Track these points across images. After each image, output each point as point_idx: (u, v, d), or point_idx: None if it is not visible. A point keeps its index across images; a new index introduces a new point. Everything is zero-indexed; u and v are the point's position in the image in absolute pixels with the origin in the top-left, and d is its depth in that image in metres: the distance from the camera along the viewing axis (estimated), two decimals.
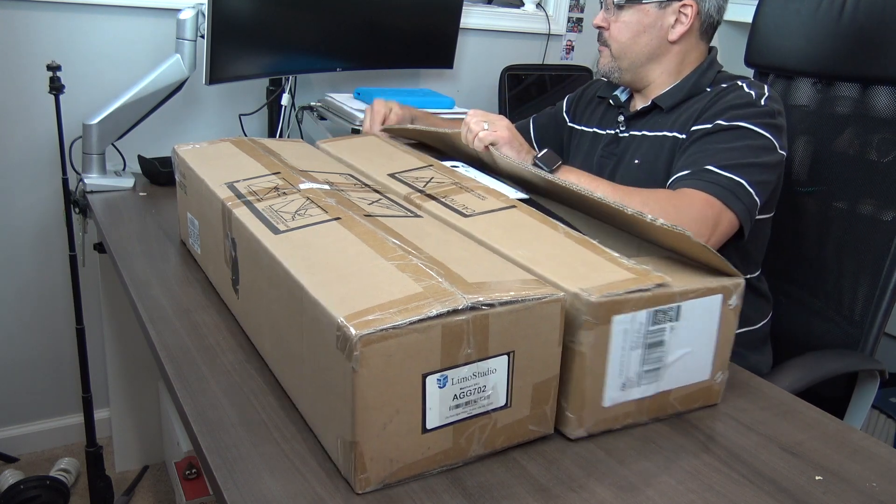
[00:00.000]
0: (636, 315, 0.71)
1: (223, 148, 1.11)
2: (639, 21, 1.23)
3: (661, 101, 1.25)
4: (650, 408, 0.78)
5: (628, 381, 0.74)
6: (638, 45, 1.24)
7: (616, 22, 1.24)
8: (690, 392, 0.80)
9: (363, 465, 0.62)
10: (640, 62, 1.26)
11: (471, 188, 0.96)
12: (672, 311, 0.73)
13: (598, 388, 0.72)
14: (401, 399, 0.62)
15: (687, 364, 0.78)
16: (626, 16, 1.23)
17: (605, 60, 1.29)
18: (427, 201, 0.92)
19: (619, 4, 1.23)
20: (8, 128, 1.64)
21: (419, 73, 2.14)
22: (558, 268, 0.74)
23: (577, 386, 0.71)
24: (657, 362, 0.75)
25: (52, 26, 1.62)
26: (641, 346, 0.73)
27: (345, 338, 0.59)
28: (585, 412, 0.73)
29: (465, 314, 0.62)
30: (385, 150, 1.15)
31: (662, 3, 1.22)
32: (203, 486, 1.54)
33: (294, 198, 0.88)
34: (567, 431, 0.74)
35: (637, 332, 0.72)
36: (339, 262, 0.70)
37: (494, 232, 0.82)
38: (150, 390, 1.85)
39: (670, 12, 1.22)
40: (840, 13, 1.31)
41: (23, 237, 1.74)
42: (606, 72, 1.29)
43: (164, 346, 0.86)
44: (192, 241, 1.10)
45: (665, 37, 1.23)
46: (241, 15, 1.57)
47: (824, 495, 0.69)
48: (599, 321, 0.69)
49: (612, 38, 1.25)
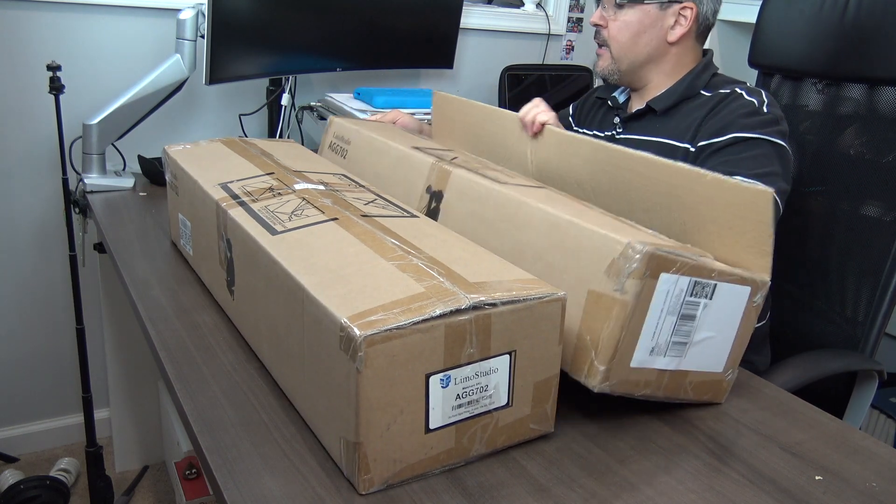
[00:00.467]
0: (680, 279, 0.72)
1: (215, 148, 1.11)
2: (640, 21, 1.22)
3: (655, 103, 1.25)
4: (668, 384, 0.78)
5: (657, 347, 0.75)
6: (638, 46, 1.24)
7: (615, 21, 1.24)
8: (703, 381, 0.81)
9: (366, 465, 0.62)
10: (639, 63, 1.26)
11: (498, 170, 0.99)
12: (709, 287, 0.75)
13: (632, 343, 0.73)
14: (404, 399, 0.62)
15: (708, 349, 0.79)
16: (627, 15, 1.23)
17: (605, 62, 1.28)
18: (457, 168, 0.94)
19: (620, 3, 1.23)
20: (8, 128, 1.64)
21: (419, 73, 2.14)
22: (605, 225, 0.75)
23: (612, 336, 0.71)
24: (685, 336, 0.76)
25: (52, 26, 1.62)
26: (677, 314, 0.74)
27: (348, 338, 0.59)
28: (613, 366, 0.73)
29: (468, 314, 0.62)
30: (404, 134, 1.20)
31: (663, 3, 1.21)
32: (203, 486, 1.54)
33: (289, 198, 0.88)
34: (592, 383, 0.73)
35: (677, 297, 0.73)
36: (339, 263, 0.70)
37: (531, 196, 0.84)
38: (150, 390, 1.85)
39: (670, 14, 1.22)
40: (843, 13, 1.31)
41: (23, 237, 1.74)
42: (606, 73, 1.29)
43: (164, 346, 0.86)
44: (184, 243, 1.10)
45: (664, 38, 1.23)
46: (241, 15, 1.57)
47: (824, 495, 0.69)
48: (650, 273, 0.69)
49: (611, 37, 1.25)
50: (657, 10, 1.21)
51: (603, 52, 1.27)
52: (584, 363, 0.74)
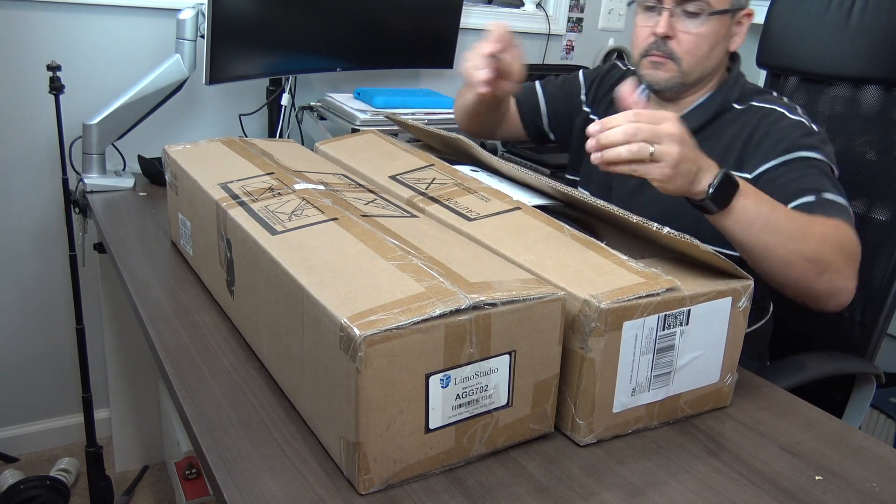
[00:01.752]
0: (646, 320, 0.71)
1: (214, 148, 1.11)
2: (717, 32, 1.10)
3: (689, 120, 1.11)
4: (660, 412, 0.78)
5: (638, 386, 0.74)
6: (711, 60, 1.12)
7: (689, 33, 1.10)
8: (700, 395, 0.80)
9: (366, 465, 0.62)
10: (704, 76, 1.14)
11: (474, 189, 0.95)
12: (682, 315, 0.73)
13: (609, 394, 0.72)
14: (404, 399, 0.62)
15: (697, 367, 0.78)
16: (706, 26, 1.09)
17: (668, 75, 1.13)
18: (430, 205, 0.91)
19: (695, 13, 1.08)
20: (8, 128, 1.64)
21: (419, 73, 2.14)
22: (565, 272, 0.74)
23: (587, 392, 0.71)
24: (667, 367, 0.75)
25: (52, 26, 1.62)
26: (651, 352, 0.73)
27: (348, 338, 0.59)
28: (595, 418, 0.73)
29: (468, 314, 0.62)
30: (385, 150, 1.14)
31: (735, 12, 1.11)
32: (203, 486, 1.54)
33: (289, 198, 0.88)
34: (577, 438, 0.74)
35: (647, 337, 0.72)
36: (339, 263, 0.70)
37: (499, 236, 0.82)
38: (150, 390, 1.85)
39: (735, 22, 1.12)
40: (849, 14, 1.31)
41: (23, 237, 1.74)
42: (665, 86, 1.14)
43: (164, 346, 0.86)
44: (184, 243, 1.10)
45: (727, 48, 1.14)
46: (241, 15, 1.57)
47: (824, 495, 0.69)
48: (610, 327, 0.69)
49: (685, 51, 1.11)
50: (729, 18, 1.11)
51: (665, 61, 1.13)
52: (567, 418, 0.74)
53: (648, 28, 1.13)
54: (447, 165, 1.05)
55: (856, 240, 0.96)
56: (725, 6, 1.09)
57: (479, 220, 0.86)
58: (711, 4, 1.08)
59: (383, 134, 1.23)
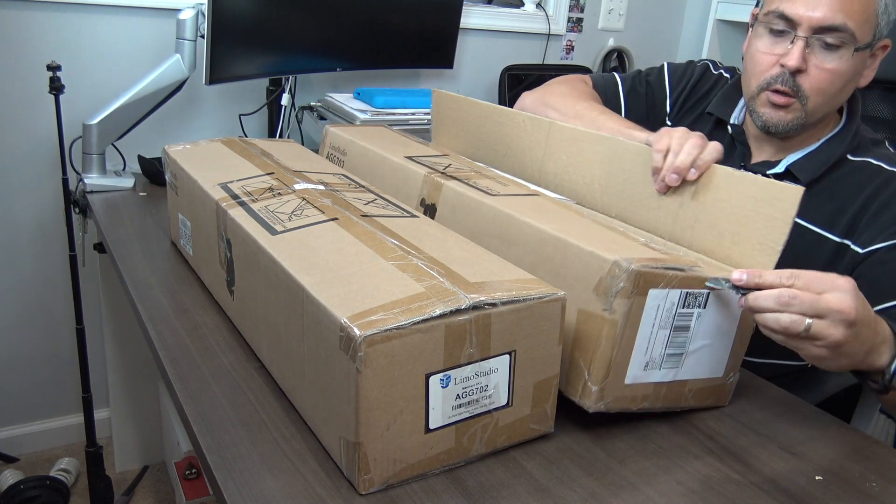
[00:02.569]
0: (670, 293, 0.71)
1: (214, 148, 1.11)
2: (854, 69, 0.94)
3: (800, 171, 0.99)
4: (666, 395, 0.78)
5: (651, 361, 0.75)
6: (839, 99, 0.97)
7: (823, 69, 0.93)
8: (704, 387, 0.81)
9: (367, 465, 0.62)
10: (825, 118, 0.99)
11: (491, 176, 0.97)
12: (702, 296, 0.74)
13: (624, 361, 0.73)
14: (404, 399, 0.62)
15: (705, 356, 0.79)
16: (846, 62, 0.92)
17: (791, 116, 0.96)
18: (448, 180, 0.93)
19: (835, 45, 0.91)
20: (8, 128, 1.64)
21: (419, 73, 2.14)
22: (593, 240, 0.74)
23: (604, 356, 0.71)
24: (680, 347, 0.76)
25: (52, 26, 1.62)
26: (669, 327, 0.74)
27: (348, 338, 0.59)
28: (608, 385, 0.73)
29: (468, 314, 0.62)
30: (398, 140, 1.17)
31: (874, 43, 0.95)
32: (203, 486, 1.54)
33: (289, 198, 0.88)
34: (587, 404, 0.73)
35: (668, 310, 0.72)
36: (339, 263, 0.70)
37: (522, 209, 0.83)
38: (150, 390, 1.85)
39: (868, 54, 0.96)
40: None
41: (23, 237, 1.74)
42: (785, 129, 0.98)
43: (164, 346, 0.86)
44: (184, 243, 1.10)
45: (856, 84, 0.98)
46: (241, 15, 1.57)
47: (824, 495, 0.69)
48: (637, 291, 0.69)
49: (814, 89, 0.94)
50: (865, 52, 0.95)
51: (790, 102, 0.95)
52: (578, 383, 0.74)
53: (775, 56, 0.95)
54: (462, 157, 1.06)
55: None
56: (869, 38, 0.93)
57: (499, 196, 0.88)
58: (856, 38, 0.91)
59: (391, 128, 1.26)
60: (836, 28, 0.91)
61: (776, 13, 0.95)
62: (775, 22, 0.95)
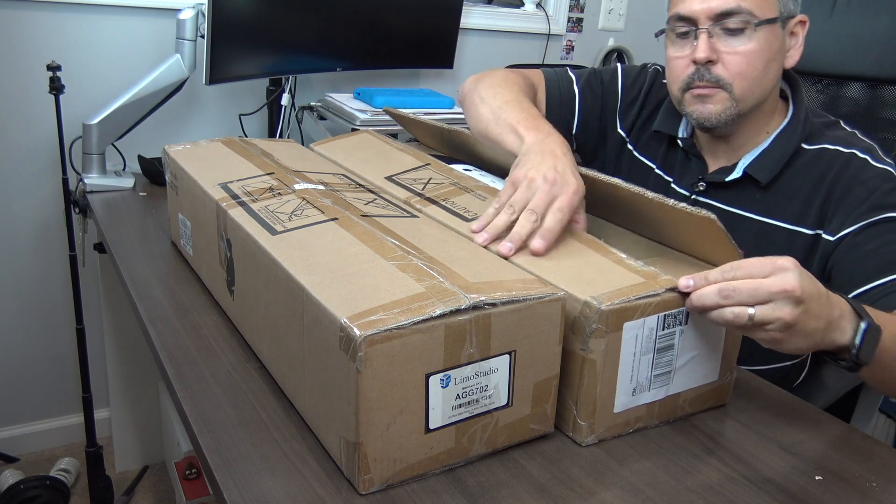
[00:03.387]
0: (646, 321, 0.71)
1: (214, 148, 1.11)
2: (769, 46, 0.93)
3: (758, 172, 0.98)
4: (660, 411, 0.78)
5: (639, 386, 0.74)
6: (767, 79, 0.95)
7: (736, 53, 0.93)
8: (700, 394, 0.80)
9: (366, 465, 0.62)
10: (762, 102, 0.97)
11: (471, 188, 0.95)
12: (681, 314, 0.73)
13: (610, 394, 0.72)
14: (404, 399, 0.62)
15: (696, 366, 0.78)
16: (755, 41, 0.92)
17: (720, 107, 0.95)
18: (427, 206, 0.91)
19: (739, 28, 0.92)
20: (8, 128, 1.64)
21: (419, 73, 2.14)
22: (565, 273, 0.74)
23: (589, 393, 0.71)
24: (667, 366, 0.75)
25: (52, 26, 1.62)
26: (651, 351, 0.73)
27: (348, 338, 0.59)
28: (597, 419, 0.73)
29: (468, 314, 0.62)
30: (380, 149, 1.14)
31: (785, 19, 0.94)
32: (203, 486, 1.54)
33: (289, 198, 0.88)
34: (578, 439, 0.74)
35: (647, 337, 0.72)
36: (339, 263, 0.70)
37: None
38: (150, 390, 1.85)
39: (788, 32, 0.95)
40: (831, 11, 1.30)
41: (23, 237, 1.74)
42: (719, 121, 0.97)
43: (164, 346, 0.86)
44: (184, 243, 1.10)
45: (782, 65, 0.96)
46: (241, 15, 1.57)
47: (824, 495, 0.69)
48: (611, 328, 0.69)
49: (735, 74, 0.94)
50: (781, 27, 0.94)
51: (714, 92, 0.95)
52: (569, 419, 0.74)
53: (685, 57, 0.97)
54: (443, 165, 1.04)
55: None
56: (773, 14, 0.93)
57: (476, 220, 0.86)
58: (756, 14, 0.92)
59: (378, 133, 1.23)
60: (732, 12, 0.92)
61: (675, 17, 0.97)
62: (678, 25, 0.97)
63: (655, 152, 1.12)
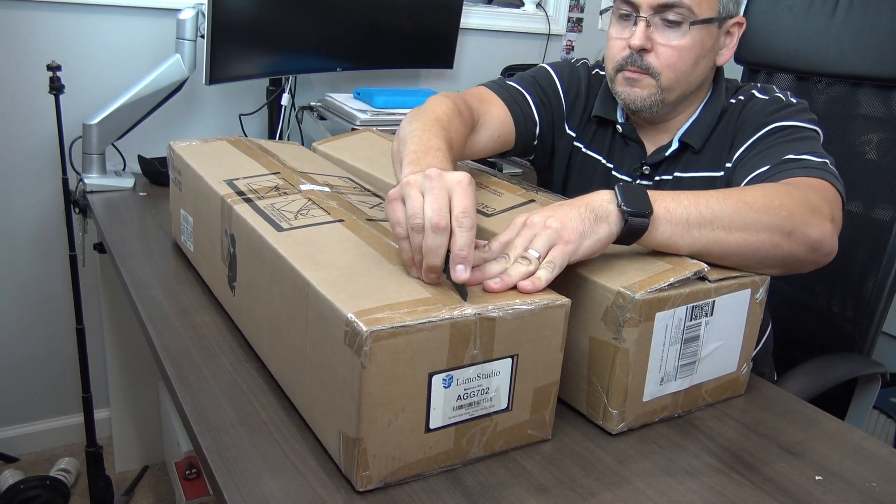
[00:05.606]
0: (676, 311, 0.72)
1: (220, 146, 1.11)
2: (702, 44, 0.99)
3: (692, 138, 1.05)
4: (684, 400, 0.79)
5: (666, 375, 0.76)
6: (695, 74, 1.01)
7: (669, 45, 0.98)
8: (720, 384, 0.82)
9: (365, 462, 0.62)
10: (687, 94, 1.04)
11: (485, 184, 0.96)
12: (707, 306, 0.75)
13: (640, 383, 0.74)
14: (406, 397, 0.62)
15: (718, 357, 0.80)
16: (689, 37, 0.98)
17: (646, 92, 1.01)
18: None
19: (675, 22, 0.97)
20: (8, 128, 1.64)
21: (419, 73, 2.14)
22: (595, 261, 0.74)
23: (620, 382, 0.73)
24: (693, 356, 0.77)
25: (52, 26, 1.62)
26: (679, 341, 0.75)
27: (354, 333, 0.59)
28: (627, 407, 0.74)
29: (473, 315, 0.63)
30: (384, 147, 1.15)
31: (723, 20, 1.01)
32: (203, 486, 1.54)
33: (295, 198, 0.88)
34: (609, 427, 0.75)
35: (677, 327, 0.74)
36: (346, 262, 0.70)
37: None
38: (150, 390, 1.85)
39: (723, 32, 1.02)
40: (833, 11, 1.31)
41: (23, 237, 1.74)
42: (643, 105, 1.02)
43: (164, 346, 0.86)
44: (185, 239, 1.10)
45: (714, 61, 1.04)
46: (241, 15, 1.57)
47: (824, 495, 0.69)
48: (644, 318, 0.70)
49: (665, 65, 0.99)
50: (716, 28, 1.00)
51: (642, 78, 1.01)
52: (599, 407, 0.75)
53: (623, 40, 1.01)
54: None
55: (820, 184, 0.86)
56: (711, 14, 0.98)
57: (496, 215, 0.87)
58: (694, 12, 0.96)
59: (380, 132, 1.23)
60: (671, 5, 0.96)
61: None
62: (621, 7, 1.01)
63: (602, 144, 1.15)
